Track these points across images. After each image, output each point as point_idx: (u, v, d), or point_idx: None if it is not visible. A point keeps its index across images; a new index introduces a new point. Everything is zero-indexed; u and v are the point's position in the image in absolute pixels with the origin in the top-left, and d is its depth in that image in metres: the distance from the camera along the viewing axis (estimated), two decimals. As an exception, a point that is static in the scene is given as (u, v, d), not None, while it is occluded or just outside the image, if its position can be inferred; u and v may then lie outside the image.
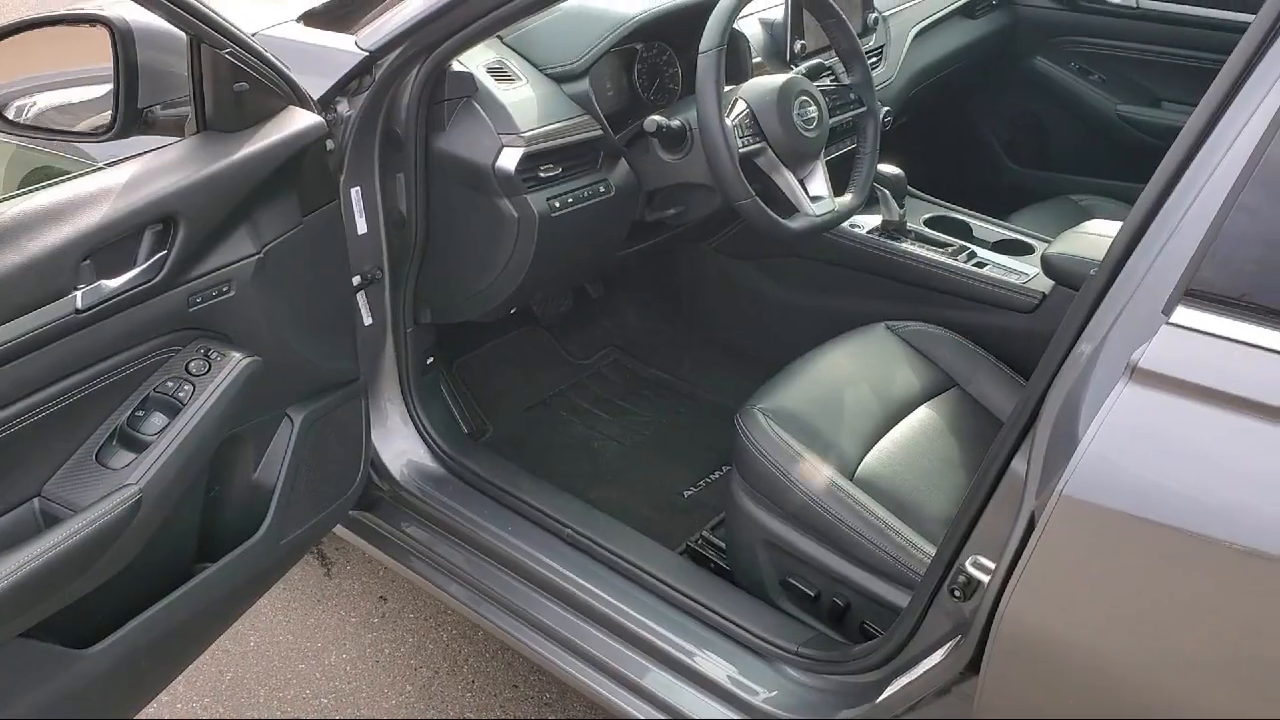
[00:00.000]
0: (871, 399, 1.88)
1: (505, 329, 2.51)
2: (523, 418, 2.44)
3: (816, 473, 1.68)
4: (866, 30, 2.33)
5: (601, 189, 1.88)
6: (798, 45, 2.13)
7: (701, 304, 2.63)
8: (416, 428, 2.03)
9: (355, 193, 1.82)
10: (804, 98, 1.82)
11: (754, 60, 2.10)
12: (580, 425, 2.44)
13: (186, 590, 1.50)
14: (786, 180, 1.82)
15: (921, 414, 1.89)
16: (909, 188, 2.39)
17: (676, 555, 1.87)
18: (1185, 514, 1.00)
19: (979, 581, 1.24)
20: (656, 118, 1.80)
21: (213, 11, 1.34)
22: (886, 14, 2.42)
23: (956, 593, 1.29)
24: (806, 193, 1.86)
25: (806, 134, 1.81)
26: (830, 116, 1.91)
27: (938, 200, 2.39)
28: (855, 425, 1.82)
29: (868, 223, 2.24)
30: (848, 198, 1.92)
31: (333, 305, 1.72)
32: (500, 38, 1.91)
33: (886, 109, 2.33)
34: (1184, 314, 1.03)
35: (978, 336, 2.03)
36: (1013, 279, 2.06)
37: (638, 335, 2.68)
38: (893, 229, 2.20)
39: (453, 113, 1.78)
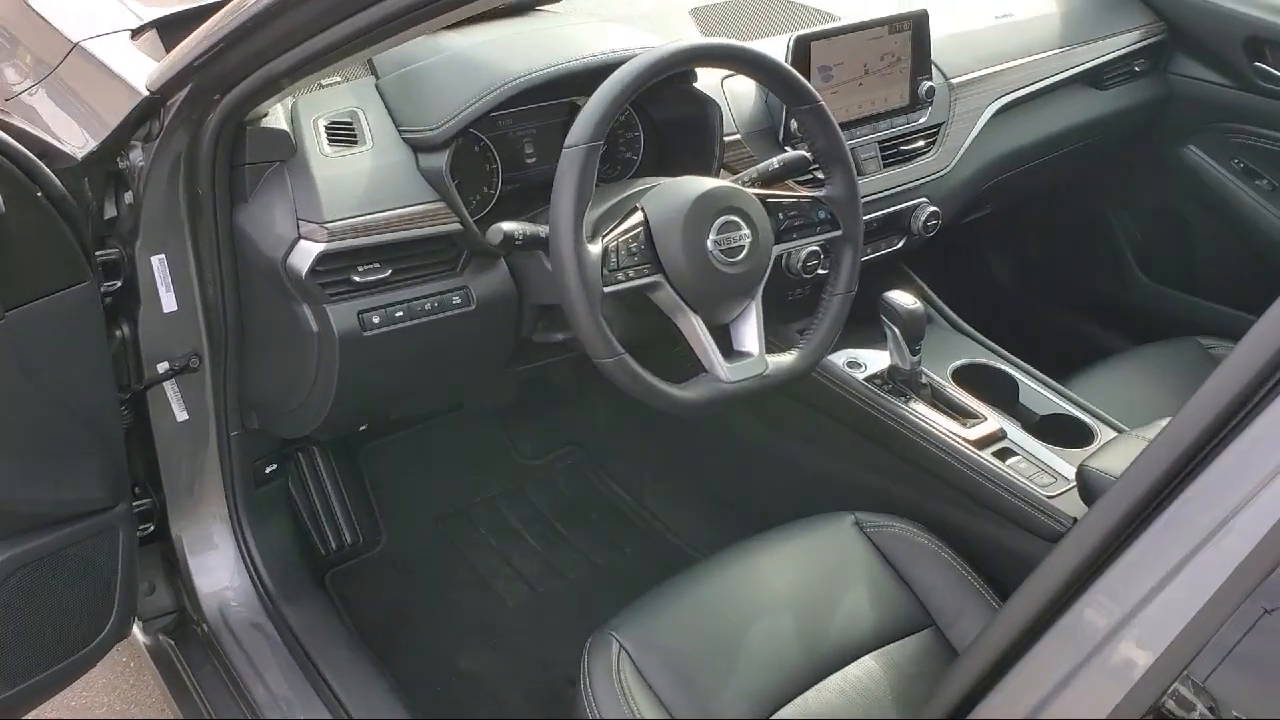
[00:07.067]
0: (793, 638, 1.34)
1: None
2: (429, 530, 1.99)
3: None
4: (917, 103, 1.73)
5: (456, 299, 1.37)
6: (793, 124, 1.57)
7: (668, 424, 2.09)
8: (240, 554, 1.62)
9: (158, 261, 1.42)
10: (730, 217, 1.26)
11: (730, 136, 1.55)
12: (494, 551, 1.97)
13: None
14: (691, 327, 1.26)
15: (864, 668, 1.33)
16: (950, 314, 1.81)
17: None
18: None
19: None
20: (505, 225, 1.26)
21: None
22: (955, 81, 1.80)
23: None
24: (731, 344, 1.31)
25: (724, 269, 1.25)
26: (789, 240, 1.35)
27: (982, 339, 1.77)
28: (753, 680, 1.29)
29: (873, 364, 1.66)
30: (789, 358, 1.33)
31: (59, 422, 1.31)
32: (377, 78, 1.45)
33: (932, 209, 1.74)
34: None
35: (981, 557, 1.45)
36: (1040, 487, 1.46)
37: (604, 438, 2.17)
38: (901, 379, 1.62)
39: (259, 180, 1.33)
